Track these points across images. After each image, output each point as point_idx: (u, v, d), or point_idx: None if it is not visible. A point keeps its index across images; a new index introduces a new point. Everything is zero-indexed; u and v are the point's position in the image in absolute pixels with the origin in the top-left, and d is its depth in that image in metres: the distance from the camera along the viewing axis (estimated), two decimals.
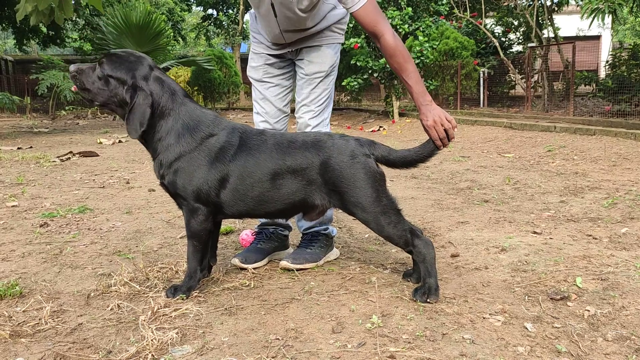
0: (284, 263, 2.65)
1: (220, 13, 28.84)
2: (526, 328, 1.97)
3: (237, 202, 2.29)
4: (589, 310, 2.09)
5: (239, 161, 2.26)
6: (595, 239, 3.09)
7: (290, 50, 2.76)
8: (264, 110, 2.82)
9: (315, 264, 2.70)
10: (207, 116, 2.33)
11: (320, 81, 2.75)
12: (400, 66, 2.42)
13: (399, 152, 2.39)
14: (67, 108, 20.13)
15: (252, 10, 2.81)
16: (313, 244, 2.76)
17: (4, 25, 21.48)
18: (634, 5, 8.63)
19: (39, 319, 2.10)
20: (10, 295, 2.33)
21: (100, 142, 9.63)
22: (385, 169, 2.38)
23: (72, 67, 2.31)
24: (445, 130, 2.36)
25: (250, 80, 2.88)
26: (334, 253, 2.86)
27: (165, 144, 2.27)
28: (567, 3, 13.75)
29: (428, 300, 2.20)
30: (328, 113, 2.83)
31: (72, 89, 2.32)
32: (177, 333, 1.95)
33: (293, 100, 2.89)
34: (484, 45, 14.55)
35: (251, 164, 2.26)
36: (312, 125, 2.74)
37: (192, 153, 2.25)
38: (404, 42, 12.66)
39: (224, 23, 28.41)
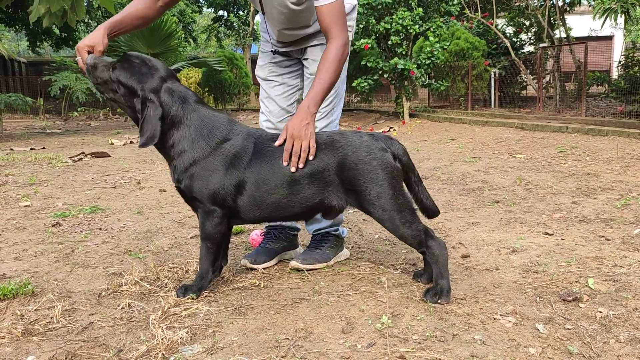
0: (294, 263, 2.65)
1: (231, 15, 28.92)
2: (537, 329, 1.95)
3: (254, 208, 2.29)
4: (601, 312, 2.07)
5: (253, 168, 2.25)
6: (608, 240, 3.06)
7: (295, 49, 2.73)
8: (268, 109, 2.79)
9: (325, 264, 2.69)
10: (220, 121, 2.32)
11: None
12: (319, 71, 2.35)
13: (412, 163, 2.35)
14: (79, 109, 20.29)
15: None
16: (323, 245, 2.75)
17: (17, 27, 21.70)
18: None
19: (51, 318, 2.11)
20: (22, 294, 2.35)
21: (112, 143, 9.70)
22: None
23: (89, 59, 2.28)
24: (301, 151, 2.22)
25: (258, 79, 2.85)
26: (344, 254, 2.85)
27: (179, 150, 2.27)
28: (579, 3, 13.62)
29: (439, 301, 2.18)
30: (337, 114, 2.79)
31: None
32: (187, 332, 1.96)
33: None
34: (495, 46, 14.48)
35: (266, 171, 2.25)
36: (319, 127, 2.68)
37: (207, 158, 2.24)
38: (415, 43, 12.69)
39: (234, 24, 28.49)
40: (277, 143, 2.28)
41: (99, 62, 2.29)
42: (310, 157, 2.24)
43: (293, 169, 2.23)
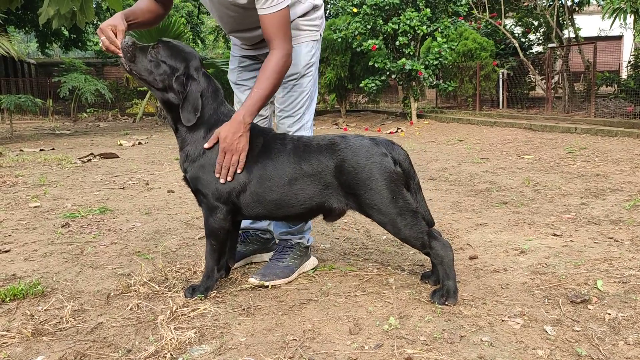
0: (252, 280, 2.49)
1: None
2: (546, 331, 1.95)
3: (256, 204, 2.30)
4: (609, 314, 2.07)
5: (259, 164, 2.27)
6: (617, 241, 3.05)
7: (262, 53, 2.60)
8: None
9: (287, 280, 2.54)
10: None
11: (295, 84, 2.58)
12: (258, 80, 2.30)
13: (413, 169, 2.35)
14: (88, 110, 20.41)
15: None
16: (285, 256, 2.63)
17: (27, 28, 21.86)
18: None
19: (60, 318, 2.13)
20: (32, 294, 2.37)
21: (121, 144, 9.74)
22: None
23: (127, 40, 2.28)
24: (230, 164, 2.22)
25: (230, 83, 2.82)
26: (310, 263, 2.72)
27: (196, 136, 2.30)
28: (588, 3, 13.54)
29: (446, 302, 2.18)
30: (309, 115, 2.68)
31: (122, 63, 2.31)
32: (195, 333, 1.97)
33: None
34: (503, 46, 14.44)
35: (270, 168, 2.27)
36: (291, 131, 2.61)
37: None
38: (422, 43, 12.68)
39: None
40: (206, 145, 2.27)
41: (138, 44, 2.32)
42: (239, 171, 2.24)
43: (222, 181, 2.24)
